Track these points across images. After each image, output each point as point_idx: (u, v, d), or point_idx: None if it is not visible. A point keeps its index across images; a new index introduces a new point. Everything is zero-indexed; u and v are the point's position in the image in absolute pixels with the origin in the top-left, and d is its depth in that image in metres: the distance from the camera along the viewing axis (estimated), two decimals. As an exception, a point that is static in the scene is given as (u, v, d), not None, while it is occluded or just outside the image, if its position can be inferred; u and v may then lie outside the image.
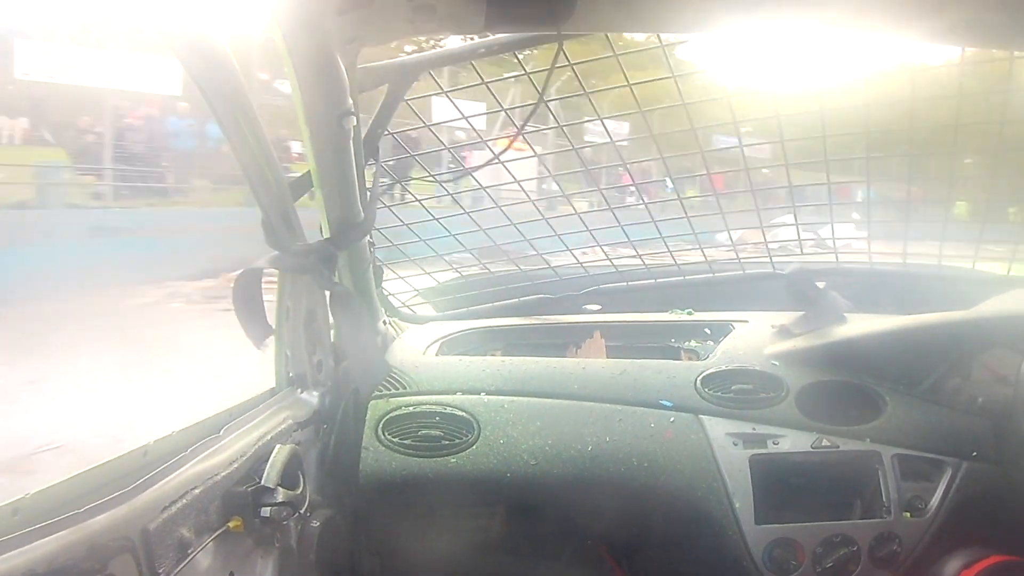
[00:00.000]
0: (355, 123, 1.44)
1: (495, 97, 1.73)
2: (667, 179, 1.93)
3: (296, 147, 7.94)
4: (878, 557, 1.66)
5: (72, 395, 5.30)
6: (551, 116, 1.75)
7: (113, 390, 5.25)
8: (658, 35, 1.50)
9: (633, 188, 2.00)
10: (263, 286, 1.56)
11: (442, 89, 1.64)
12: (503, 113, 1.91)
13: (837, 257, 2.10)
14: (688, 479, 1.69)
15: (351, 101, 1.40)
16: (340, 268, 1.76)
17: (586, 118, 1.79)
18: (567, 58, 1.54)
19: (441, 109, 2.30)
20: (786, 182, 1.96)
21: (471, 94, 2.14)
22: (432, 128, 1.79)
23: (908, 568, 1.67)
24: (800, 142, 1.94)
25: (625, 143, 1.95)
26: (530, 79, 1.57)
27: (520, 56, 1.59)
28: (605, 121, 1.85)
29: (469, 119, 1.83)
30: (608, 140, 1.97)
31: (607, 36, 1.48)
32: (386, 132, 1.67)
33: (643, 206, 2.05)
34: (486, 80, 1.67)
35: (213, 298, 8.63)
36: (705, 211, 2.12)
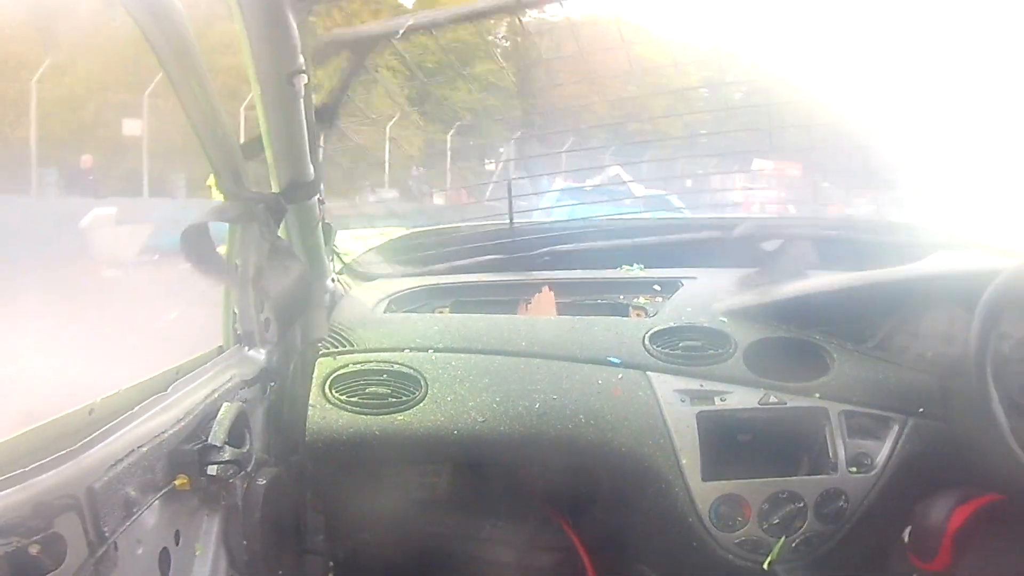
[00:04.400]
0: (306, 82, 1.41)
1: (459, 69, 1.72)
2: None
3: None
4: (824, 513, 1.67)
5: None
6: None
7: None
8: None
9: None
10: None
11: (404, 57, 1.62)
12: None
13: (786, 217, 2.11)
14: (635, 436, 1.67)
15: (302, 59, 1.37)
16: (289, 225, 1.74)
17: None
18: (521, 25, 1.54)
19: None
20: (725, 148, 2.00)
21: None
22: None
23: (854, 524, 1.68)
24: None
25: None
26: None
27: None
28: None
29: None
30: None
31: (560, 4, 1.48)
32: (347, 97, 1.64)
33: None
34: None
35: None
36: (660, 174, 2.15)
